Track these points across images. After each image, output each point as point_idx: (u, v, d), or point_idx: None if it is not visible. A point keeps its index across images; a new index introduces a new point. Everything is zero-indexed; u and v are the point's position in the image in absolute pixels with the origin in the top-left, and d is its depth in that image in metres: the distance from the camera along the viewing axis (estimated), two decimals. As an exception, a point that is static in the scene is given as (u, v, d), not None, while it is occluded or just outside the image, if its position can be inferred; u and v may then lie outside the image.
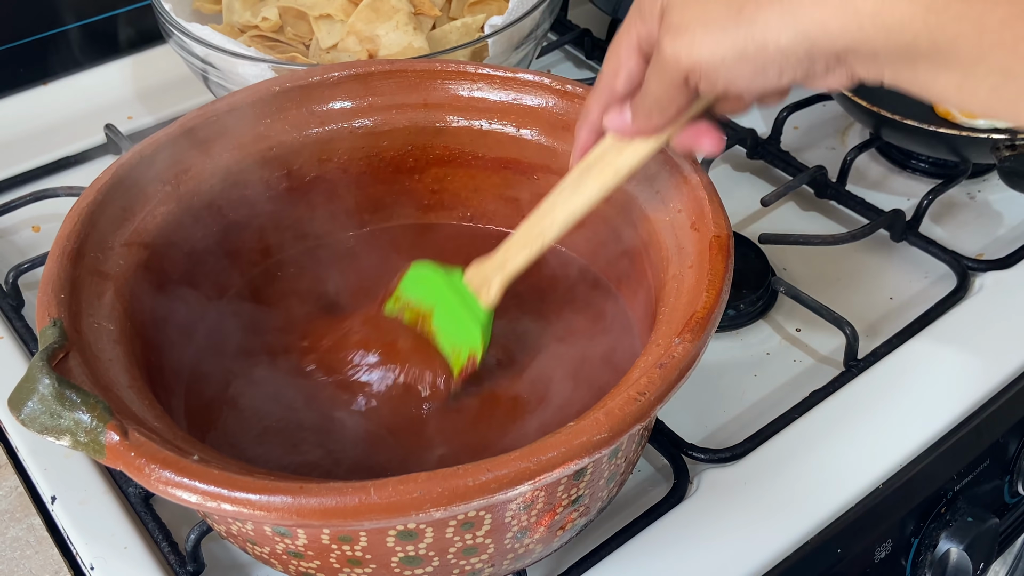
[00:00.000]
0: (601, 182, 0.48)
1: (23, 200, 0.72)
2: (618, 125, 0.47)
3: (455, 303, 0.52)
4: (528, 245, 0.50)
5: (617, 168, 0.48)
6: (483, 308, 0.51)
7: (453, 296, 0.52)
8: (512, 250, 0.51)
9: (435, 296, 0.53)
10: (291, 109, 0.58)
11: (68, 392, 0.39)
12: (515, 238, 0.51)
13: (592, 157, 0.49)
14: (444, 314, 0.52)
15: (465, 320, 0.51)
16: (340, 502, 0.37)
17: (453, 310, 0.52)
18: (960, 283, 0.66)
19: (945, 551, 0.57)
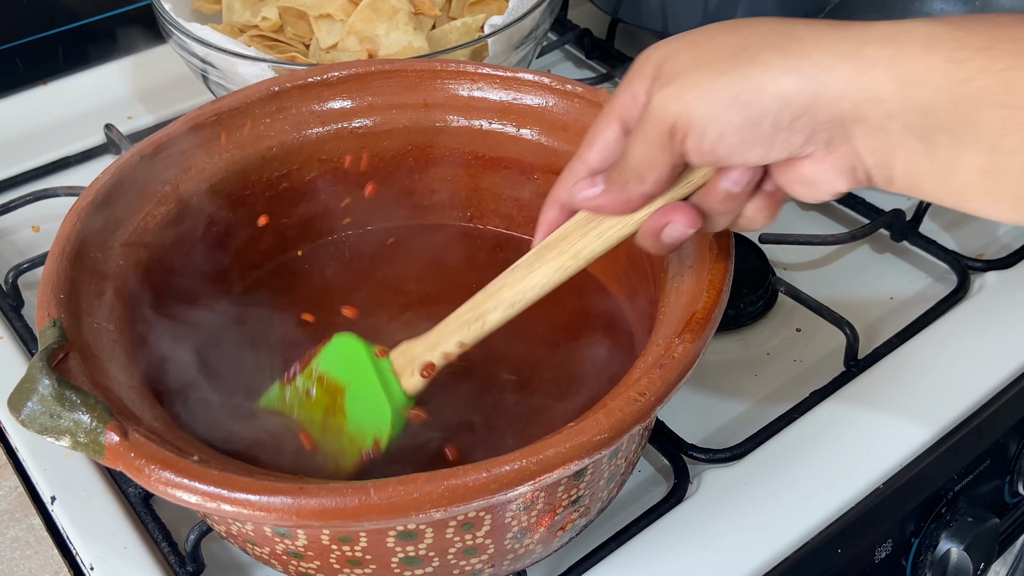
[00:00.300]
0: (558, 264, 0.44)
1: (23, 200, 0.72)
2: (587, 194, 0.41)
3: (372, 383, 0.47)
4: (464, 328, 0.46)
5: (578, 251, 0.43)
6: (403, 392, 0.47)
7: (372, 375, 0.47)
8: (446, 331, 0.46)
9: (353, 373, 0.48)
10: (291, 109, 0.58)
11: (68, 392, 0.39)
12: (450, 320, 0.46)
13: (554, 236, 0.44)
14: (358, 393, 0.48)
15: (379, 402, 0.47)
16: (340, 503, 0.37)
17: (368, 390, 0.47)
18: (960, 283, 0.66)
19: (945, 551, 0.57)
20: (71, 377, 0.41)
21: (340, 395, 0.49)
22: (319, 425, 0.49)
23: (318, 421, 0.49)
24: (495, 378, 0.54)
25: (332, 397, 0.49)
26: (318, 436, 0.49)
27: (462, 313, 0.46)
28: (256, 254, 0.60)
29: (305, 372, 0.50)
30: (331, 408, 0.49)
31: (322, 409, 0.49)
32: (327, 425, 0.49)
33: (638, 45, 0.93)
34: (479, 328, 0.45)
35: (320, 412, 0.49)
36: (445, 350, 0.46)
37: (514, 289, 0.45)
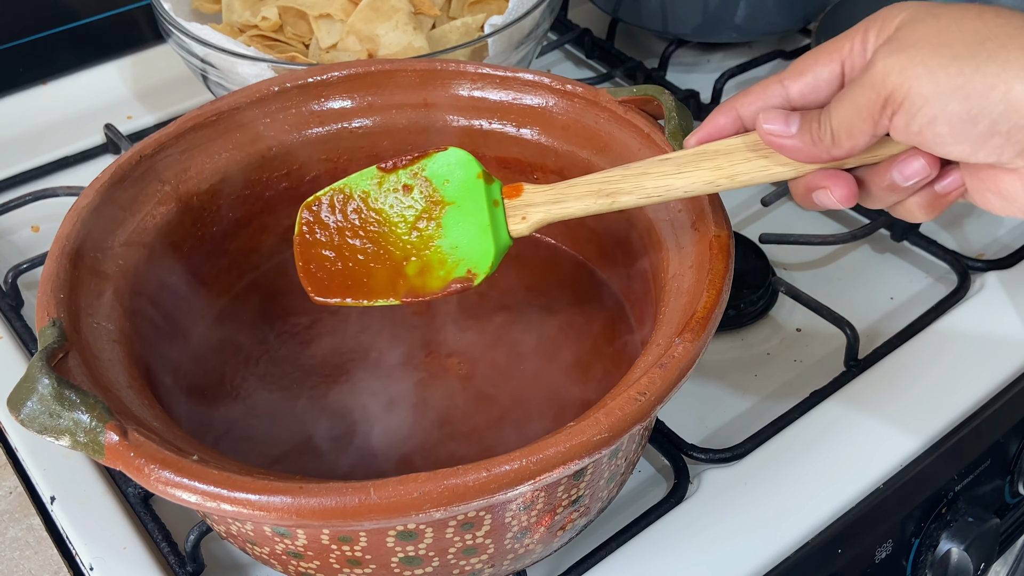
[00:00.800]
0: (711, 178, 0.42)
1: (23, 200, 0.72)
2: (776, 130, 0.40)
3: (481, 213, 0.46)
4: (594, 197, 0.44)
5: (736, 173, 0.41)
6: (508, 233, 0.46)
7: (483, 204, 0.46)
8: (574, 192, 0.45)
9: (461, 194, 0.46)
10: (291, 109, 0.58)
11: (67, 392, 0.39)
12: (582, 182, 0.45)
13: (717, 146, 0.42)
14: (462, 216, 0.46)
15: (484, 236, 0.45)
16: (340, 502, 0.37)
17: (475, 218, 0.46)
18: (960, 283, 0.66)
19: (946, 551, 0.57)
20: (71, 377, 0.41)
21: (440, 208, 0.47)
22: (408, 225, 0.48)
23: (407, 221, 0.48)
24: (493, 376, 0.54)
25: (430, 205, 0.47)
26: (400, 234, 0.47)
27: (594, 181, 0.44)
28: (256, 254, 0.59)
29: (408, 168, 0.48)
30: (426, 215, 0.48)
31: (416, 212, 0.48)
32: (417, 229, 0.47)
33: (638, 45, 0.93)
34: (607, 204, 0.44)
35: (413, 213, 0.48)
36: (566, 211, 0.45)
37: (657, 181, 0.43)
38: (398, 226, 0.48)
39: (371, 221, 0.48)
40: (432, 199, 0.48)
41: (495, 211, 0.46)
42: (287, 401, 0.53)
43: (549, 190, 0.46)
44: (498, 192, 0.47)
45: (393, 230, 0.48)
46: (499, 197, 0.46)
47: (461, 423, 0.52)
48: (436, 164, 0.48)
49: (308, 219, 0.49)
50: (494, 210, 0.46)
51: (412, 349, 0.56)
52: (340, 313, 0.58)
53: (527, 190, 0.46)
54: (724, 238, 0.46)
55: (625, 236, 0.55)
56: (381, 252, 0.48)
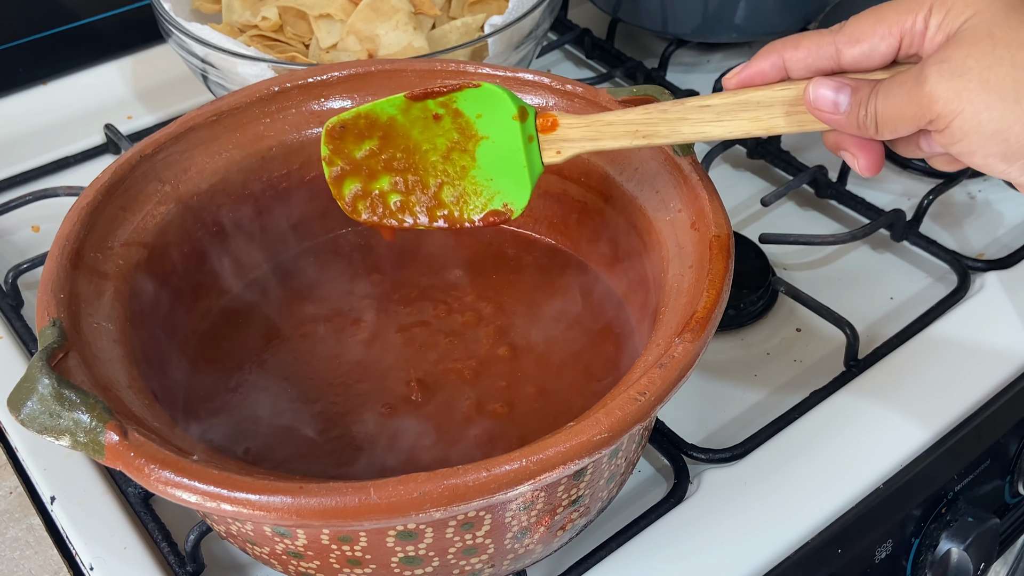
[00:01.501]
0: (749, 129, 0.43)
1: (23, 200, 0.72)
2: (825, 101, 0.40)
3: (516, 148, 0.46)
4: (630, 137, 0.44)
5: (772, 126, 0.42)
6: (541, 163, 0.46)
7: (517, 140, 0.46)
8: (610, 131, 0.45)
9: (495, 129, 0.46)
10: (291, 109, 0.58)
11: (67, 392, 0.39)
12: (620, 120, 0.45)
13: (758, 96, 0.43)
14: (497, 150, 0.46)
15: (520, 172, 0.46)
16: (340, 502, 0.37)
17: (511, 155, 0.46)
18: (960, 283, 0.66)
19: (946, 551, 0.57)
20: (71, 377, 0.41)
21: (473, 141, 0.47)
22: (439, 153, 0.48)
23: (438, 149, 0.48)
24: (493, 376, 0.54)
25: (464, 136, 0.47)
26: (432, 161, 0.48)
27: (632, 121, 0.45)
28: (256, 253, 0.59)
29: (438, 99, 0.47)
30: (459, 146, 0.48)
31: (448, 141, 0.48)
32: (450, 158, 0.48)
33: (638, 45, 0.94)
34: (643, 143, 0.45)
35: (445, 142, 0.48)
36: (601, 146, 0.45)
37: (695, 127, 0.44)
38: (429, 153, 0.48)
39: (400, 146, 0.48)
40: (465, 131, 0.47)
41: (530, 146, 0.46)
42: (287, 402, 0.53)
43: (586, 126, 0.46)
44: (533, 127, 0.46)
45: (425, 156, 0.48)
46: (534, 132, 0.46)
47: (460, 423, 0.52)
48: (468, 99, 0.47)
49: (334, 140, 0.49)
50: (529, 145, 0.46)
51: (412, 349, 0.55)
52: (342, 313, 0.58)
53: (563, 124, 0.46)
54: (724, 238, 0.46)
55: (625, 236, 0.55)
56: (413, 176, 0.48)
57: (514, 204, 0.47)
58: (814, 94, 0.41)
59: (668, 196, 0.51)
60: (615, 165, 0.55)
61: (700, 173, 0.50)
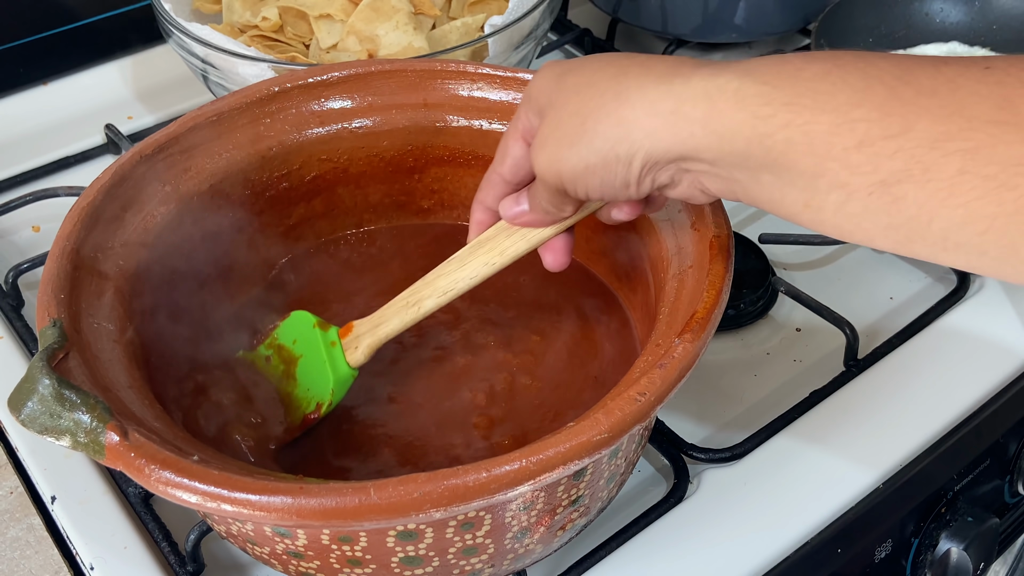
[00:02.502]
0: (487, 260, 0.48)
1: (23, 200, 0.72)
2: (511, 214, 0.47)
3: (321, 355, 0.52)
4: (401, 313, 0.50)
5: (504, 249, 0.48)
6: (347, 365, 0.51)
7: (322, 348, 0.52)
8: (387, 314, 0.51)
9: (305, 345, 0.53)
10: (291, 109, 0.58)
11: (68, 392, 0.39)
12: (393, 303, 0.51)
13: (485, 235, 0.49)
14: (308, 363, 0.52)
15: (325, 373, 0.51)
16: (340, 502, 0.37)
17: (317, 361, 0.52)
18: (960, 283, 0.66)
19: (945, 551, 0.57)
20: (71, 377, 0.41)
21: (293, 364, 0.53)
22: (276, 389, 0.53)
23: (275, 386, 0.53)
24: (493, 376, 0.54)
25: (287, 365, 0.53)
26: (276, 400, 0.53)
27: (402, 298, 0.50)
28: (256, 254, 0.59)
29: (266, 343, 0.55)
30: (285, 374, 0.53)
31: (277, 374, 0.54)
32: (280, 389, 0.53)
33: (638, 45, 0.93)
34: (415, 312, 0.50)
35: (277, 376, 0.54)
36: (386, 331, 0.50)
37: (448, 279, 0.49)
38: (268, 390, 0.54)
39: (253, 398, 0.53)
40: (287, 359, 0.54)
41: (333, 351, 0.52)
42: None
43: (370, 319, 0.51)
44: (335, 334, 0.52)
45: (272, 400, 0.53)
46: (336, 338, 0.52)
47: (460, 423, 0.52)
48: (284, 330, 0.54)
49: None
50: (331, 350, 0.52)
51: (413, 351, 0.56)
52: (343, 316, 0.58)
53: (355, 325, 0.52)
54: (724, 238, 0.47)
55: (625, 237, 0.55)
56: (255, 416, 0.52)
57: (322, 399, 0.51)
58: (504, 212, 0.47)
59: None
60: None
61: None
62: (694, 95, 0.37)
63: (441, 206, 0.63)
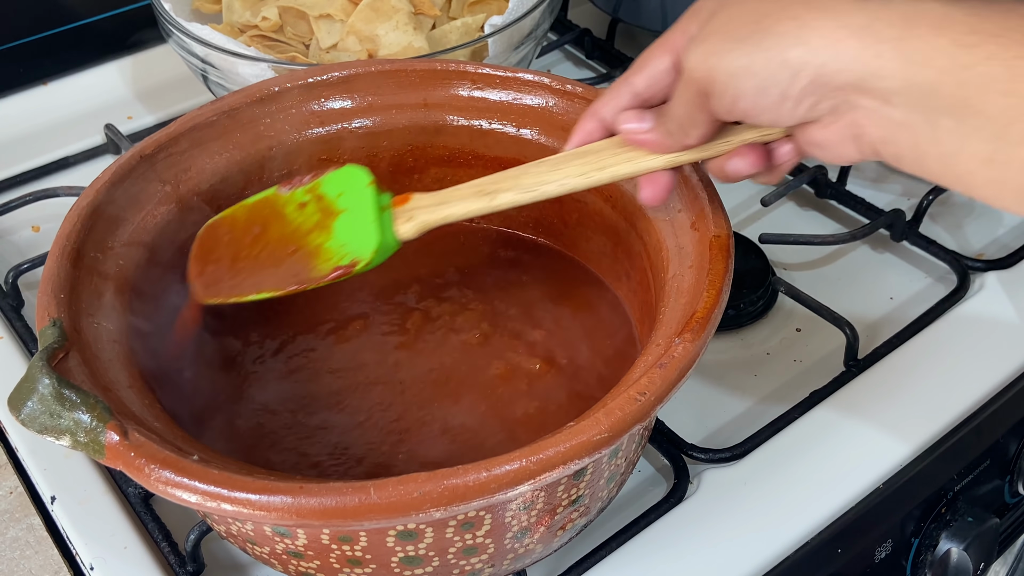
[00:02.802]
0: (583, 171, 0.45)
1: (23, 200, 0.72)
2: (633, 128, 0.43)
3: (369, 216, 0.48)
4: (470, 199, 0.46)
5: (605, 166, 0.45)
6: (394, 235, 0.48)
7: (371, 207, 0.48)
8: (457, 195, 0.47)
9: (353, 201, 0.49)
10: (291, 109, 0.58)
11: (68, 392, 0.39)
12: (466, 185, 0.47)
13: (587, 148, 0.46)
14: (350, 220, 0.49)
15: (370, 233, 0.48)
16: (340, 502, 0.37)
17: (363, 220, 0.48)
18: (960, 283, 0.66)
19: (945, 551, 0.57)
20: (71, 377, 0.41)
21: (332, 217, 0.50)
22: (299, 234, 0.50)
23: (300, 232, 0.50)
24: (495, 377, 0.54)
25: (323, 217, 0.50)
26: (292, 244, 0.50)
27: (476, 184, 0.47)
28: (256, 254, 0.59)
29: (305, 187, 0.51)
30: (318, 226, 0.50)
31: (311, 224, 0.50)
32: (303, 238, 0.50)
33: (638, 45, 0.93)
34: (487, 202, 0.46)
35: (307, 225, 0.50)
36: (448, 212, 0.47)
37: (534, 178, 0.46)
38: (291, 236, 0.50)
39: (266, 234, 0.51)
40: (326, 211, 0.50)
41: (383, 215, 0.48)
42: (286, 402, 0.53)
43: (435, 195, 0.48)
44: (388, 200, 0.49)
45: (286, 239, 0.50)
46: (388, 204, 0.49)
47: (460, 423, 0.52)
48: (331, 181, 0.50)
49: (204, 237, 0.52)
50: (382, 214, 0.48)
51: (413, 351, 0.56)
52: (343, 314, 0.58)
53: (415, 197, 0.48)
54: (724, 238, 0.47)
55: (625, 237, 0.55)
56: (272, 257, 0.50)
57: (360, 256, 0.48)
58: (622, 124, 0.44)
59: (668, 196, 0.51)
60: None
61: (700, 173, 0.50)
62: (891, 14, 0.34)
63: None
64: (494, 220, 0.63)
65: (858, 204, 0.73)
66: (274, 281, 0.50)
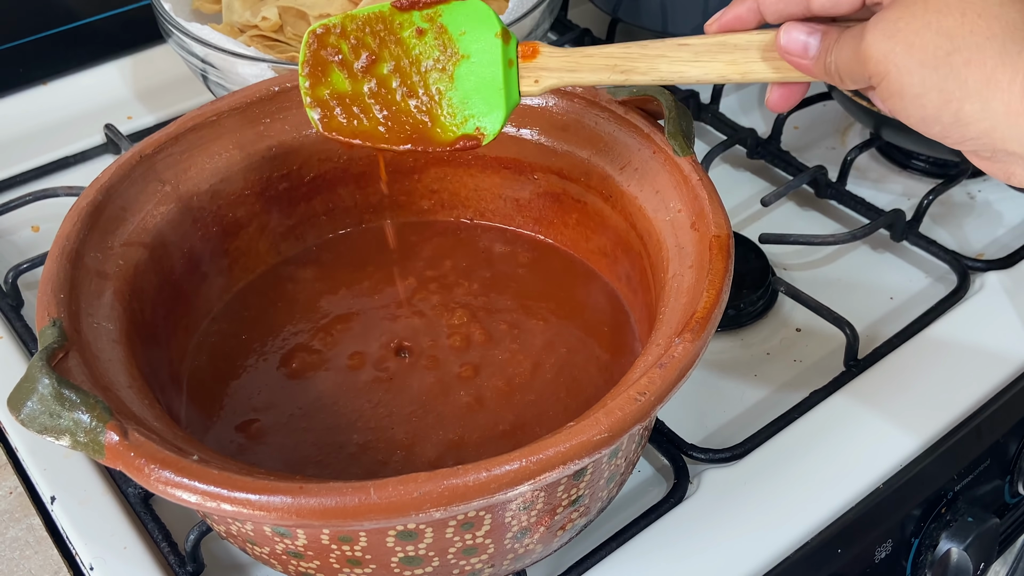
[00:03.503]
0: (726, 72, 0.43)
1: (23, 200, 0.72)
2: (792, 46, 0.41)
3: (496, 72, 0.45)
4: (608, 71, 0.45)
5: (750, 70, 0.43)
6: (518, 93, 0.46)
7: (497, 61, 0.45)
8: (589, 63, 0.45)
9: (477, 47, 0.46)
10: (291, 109, 0.58)
11: (67, 392, 0.39)
12: (599, 53, 0.45)
13: (736, 39, 0.43)
14: (473, 71, 0.46)
15: (495, 96, 0.45)
16: (340, 502, 0.37)
17: (488, 75, 0.45)
18: (960, 283, 0.66)
19: (945, 551, 0.57)
20: (71, 377, 0.41)
21: (454, 60, 0.47)
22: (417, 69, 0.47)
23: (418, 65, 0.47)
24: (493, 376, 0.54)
25: (444, 57, 0.47)
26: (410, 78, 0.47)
27: (611, 54, 0.45)
28: (256, 254, 0.60)
29: (424, 11, 0.46)
30: (438, 64, 0.47)
31: (428, 58, 0.47)
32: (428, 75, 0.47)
33: (638, 45, 0.93)
34: (619, 79, 0.45)
35: (425, 59, 0.47)
36: (578, 79, 0.46)
37: (672, 66, 0.44)
38: (408, 69, 0.47)
39: (381, 57, 0.47)
40: (446, 48, 0.47)
41: (509, 71, 0.46)
42: (287, 399, 0.53)
43: (566, 56, 0.46)
44: (514, 52, 0.46)
45: (404, 72, 0.47)
46: (515, 57, 0.46)
47: (460, 423, 0.52)
48: (454, 12, 0.46)
49: (314, 47, 0.48)
50: (508, 70, 0.46)
51: (414, 349, 0.56)
52: (343, 315, 0.58)
53: (543, 53, 0.46)
54: (724, 238, 0.47)
55: (624, 236, 0.55)
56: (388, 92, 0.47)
57: (486, 129, 0.46)
58: (786, 38, 0.42)
59: (668, 196, 0.51)
60: (615, 165, 0.55)
61: (700, 173, 0.50)
62: None
63: (441, 206, 0.63)
64: (493, 220, 0.63)
65: (858, 204, 0.73)
66: (394, 133, 0.47)
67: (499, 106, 0.46)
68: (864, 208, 0.73)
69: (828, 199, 0.75)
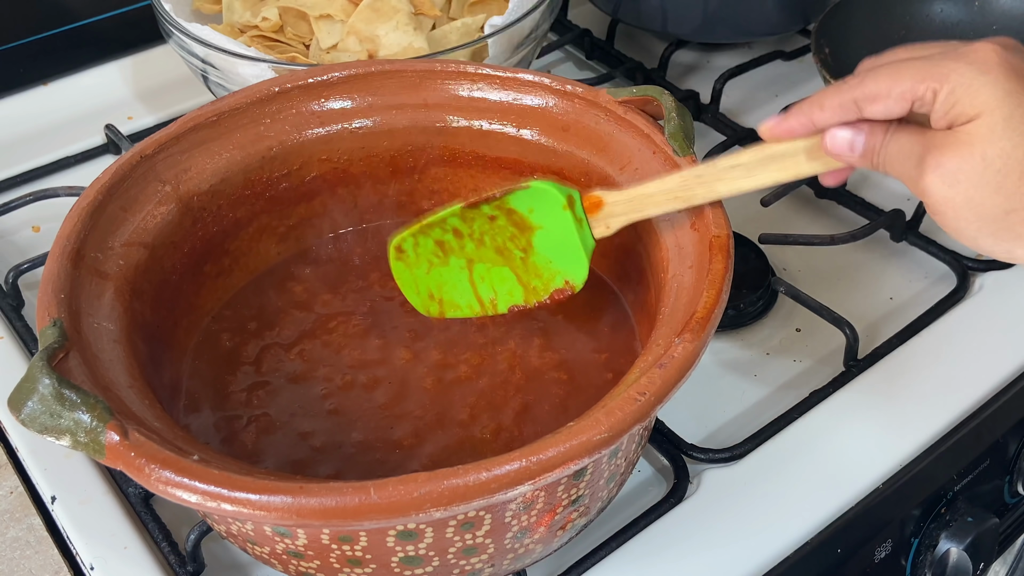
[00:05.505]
0: (779, 176, 0.47)
1: (23, 200, 0.72)
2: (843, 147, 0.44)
3: (572, 234, 0.51)
4: (664, 204, 0.49)
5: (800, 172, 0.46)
6: (592, 239, 0.51)
7: (570, 224, 0.51)
8: (652, 201, 0.49)
9: (548, 218, 0.51)
10: (291, 109, 0.58)
11: (68, 392, 0.39)
12: (660, 192, 0.49)
13: (781, 148, 0.46)
14: (550, 236, 0.51)
15: (577, 254, 0.51)
16: (340, 502, 0.37)
17: (565, 238, 0.51)
18: (960, 283, 0.66)
19: (945, 551, 0.57)
20: (71, 377, 0.41)
21: (529, 232, 0.52)
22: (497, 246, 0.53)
23: (497, 243, 0.53)
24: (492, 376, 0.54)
25: (520, 229, 0.52)
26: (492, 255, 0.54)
27: (670, 189, 0.49)
28: (256, 254, 0.60)
29: (490, 204, 0.52)
30: (516, 239, 0.53)
31: (505, 237, 0.53)
32: (507, 249, 0.53)
33: (638, 46, 0.94)
34: (682, 205, 0.49)
35: (502, 239, 0.53)
36: (644, 216, 0.50)
37: (730, 185, 0.48)
38: (488, 249, 0.54)
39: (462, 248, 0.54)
40: (520, 225, 0.52)
41: (581, 228, 0.51)
42: (285, 401, 0.53)
43: (629, 201, 0.50)
44: (581, 211, 0.51)
45: (485, 252, 0.54)
46: (583, 215, 0.51)
47: (460, 423, 0.52)
48: (519, 199, 0.52)
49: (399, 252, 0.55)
50: (580, 228, 0.51)
51: (414, 349, 0.56)
52: (343, 315, 0.58)
53: (608, 203, 0.50)
54: (724, 238, 0.47)
55: (625, 237, 0.55)
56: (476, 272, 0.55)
57: (574, 280, 0.52)
58: (831, 142, 0.44)
59: None
60: (615, 166, 0.55)
61: (700, 173, 0.50)
62: None
63: (441, 206, 0.63)
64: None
65: (858, 204, 0.73)
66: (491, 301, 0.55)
67: (580, 258, 0.52)
68: (864, 208, 0.73)
69: (828, 199, 0.75)
